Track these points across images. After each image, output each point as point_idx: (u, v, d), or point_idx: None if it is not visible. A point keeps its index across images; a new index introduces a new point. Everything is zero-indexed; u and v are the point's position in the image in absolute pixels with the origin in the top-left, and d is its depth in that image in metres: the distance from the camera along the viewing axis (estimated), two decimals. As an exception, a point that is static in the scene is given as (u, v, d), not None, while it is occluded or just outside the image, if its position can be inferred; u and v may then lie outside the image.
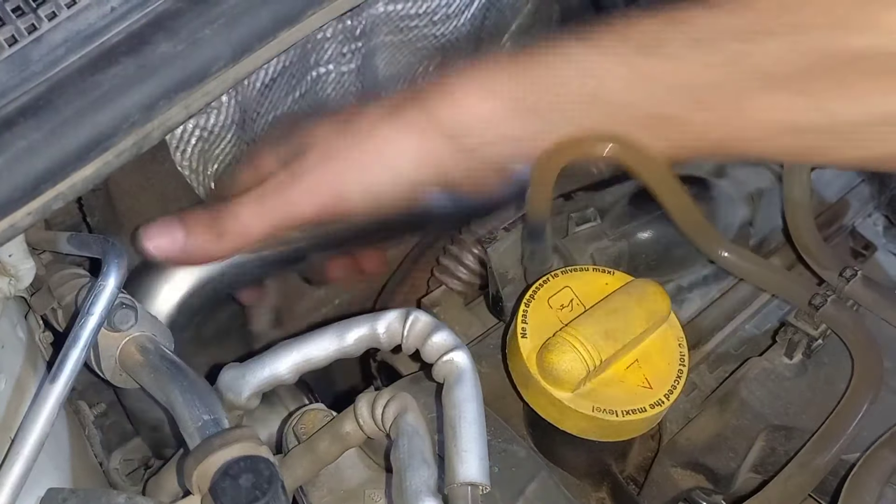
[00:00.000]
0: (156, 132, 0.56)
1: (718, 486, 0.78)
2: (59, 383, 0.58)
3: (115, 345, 0.69)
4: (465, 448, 0.58)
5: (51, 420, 0.58)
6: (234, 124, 0.80)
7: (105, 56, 0.55)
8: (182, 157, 0.79)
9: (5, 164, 0.52)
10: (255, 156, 0.73)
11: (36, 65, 0.55)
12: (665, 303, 0.72)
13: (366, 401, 0.65)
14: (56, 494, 0.62)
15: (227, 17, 0.56)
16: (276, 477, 0.55)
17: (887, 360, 0.78)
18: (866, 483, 0.70)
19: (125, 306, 0.68)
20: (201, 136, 0.78)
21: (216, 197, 0.75)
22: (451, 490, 0.57)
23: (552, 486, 0.70)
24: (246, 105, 0.79)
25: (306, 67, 0.82)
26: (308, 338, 0.66)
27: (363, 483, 0.70)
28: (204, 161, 0.81)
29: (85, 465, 0.79)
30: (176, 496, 0.70)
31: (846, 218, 1.01)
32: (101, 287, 0.61)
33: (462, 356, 0.63)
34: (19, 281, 0.68)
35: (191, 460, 0.57)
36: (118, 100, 0.54)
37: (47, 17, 0.55)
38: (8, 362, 0.67)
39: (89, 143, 0.54)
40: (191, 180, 0.81)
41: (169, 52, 0.55)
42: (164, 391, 0.66)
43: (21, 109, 0.53)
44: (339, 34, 0.82)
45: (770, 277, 0.82)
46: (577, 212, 0.86)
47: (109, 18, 0.56)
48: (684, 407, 0.82)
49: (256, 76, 0.77)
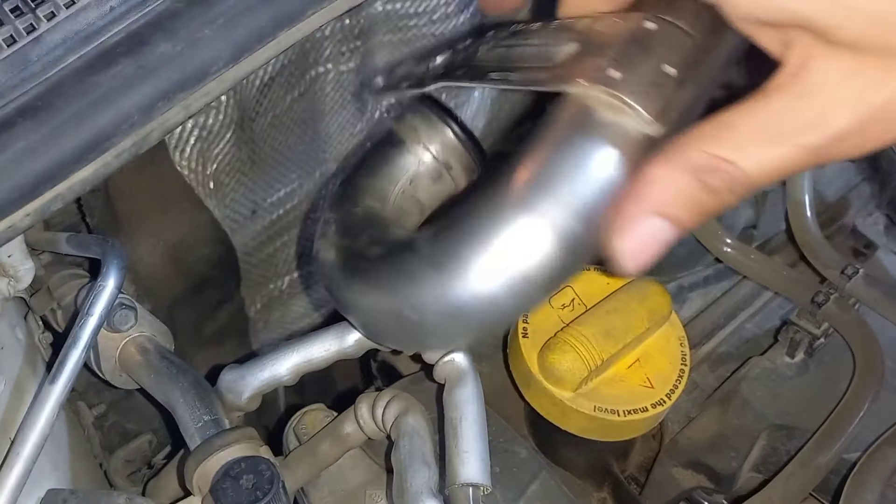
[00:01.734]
0: (155, 133, 0.56)
1: (720, 485, 0.78)
2: (59, 384, 0.58)
3: (115, 345, 0.69)
4: (466, 448, 0.58)
5: (50, 421, 0.58)
6: (233, 123, 0.80)
7: (104, 56, 0.55)
8: (181, 157, 0.79)
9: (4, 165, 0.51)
10: None
11: (35, 65, 0.54)
12: (666, 302, 0.72)
13: (366, 402, 0.65)
14: (56, 495, 0.62)
15: (226, 17, 0.56)
16: (277, 477, 0.55)
17: (889, 359, 0.78)
18: (868, 482, 0.70)
19: (125, 307, 0.68)
20: (200, 136, 0.78)
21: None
22: (452, 491, 0.57)
23: (553, 486, 0.69)
24: (245, 104, 0.79)
25: (305, 66, 0.82)
26: (308, 339, 0.66)
27: (364, 483, 0.69)
28: (203, 160, 0.80)
29: (85, 465, 0.78)
30: (176, 497, 0.70)
31: (847, 216, 1.01)
32: (100, 287, 0.61)
33: (463, 357, 0.63)
34: (19, 281, 0.68)
35: (191, 461, 0.57)
36: (117, 100, 0.54)
37: (46, 18, 0.55)
38: (7, 363, 0.67)
39: (88, 143, 0.53)
40: (190, 180, 0.80)
41: (168, 52, 0.55)
42: (165, 392, 0.65)
43: (20, 110, 0.53)
44: (337, 33, 0.82)
45: (772, 274, 0.82)
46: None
47: (108, 18, 0.56)
48: (685, 406, 0.82)
49: (255, 75, 0.77)
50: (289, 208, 0.91)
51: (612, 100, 0.46)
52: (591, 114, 0.47)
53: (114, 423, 0.87)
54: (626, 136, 0.46)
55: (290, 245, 0.95)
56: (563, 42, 0.51)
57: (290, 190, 0.90)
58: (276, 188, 0.89)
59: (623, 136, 0.46)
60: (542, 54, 0.52)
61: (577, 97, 0.47)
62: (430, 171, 0.63)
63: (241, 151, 0.83)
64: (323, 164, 0.92)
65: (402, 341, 0.60)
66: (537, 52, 0.52)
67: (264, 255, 0.93)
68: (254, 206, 0.88)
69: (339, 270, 0.57)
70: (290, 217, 0.92)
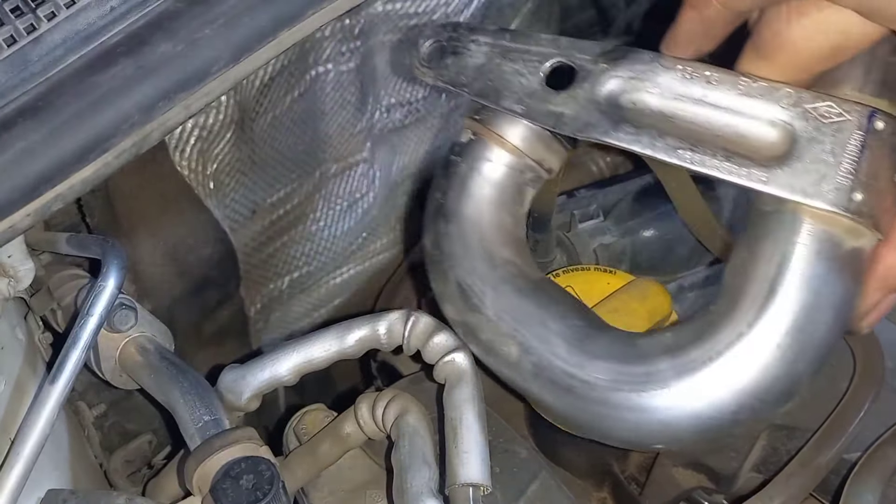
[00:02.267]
0: (155, 133, 0.56)
1: (720, 485, 0.77)
2: (59, 384, 0.58)
3: (115, 346, 0.69)
4: (466, 449, 0.58)
5: (51, 421, 0.58)
6: (234, 123, 0.80)
7: (104, 56, 0.55)
8: (181, 157, 0.79)
9: (4, 166, 0.51)
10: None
11: (35, 65, 0.54)
12: (666, 302, 0.72)
13: (367, 402, 0.65)
14: (56, 495, 0.62)
15: (226, 17, 0.56)
16: (277, 478, 0.55)
17: (889, 359, 0.78)
18: (868, 482, 0.69)
19: (125, 307, 0.68)
20: (200, 136, 0.78)
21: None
22: (453, 491, 0.57)
23: (554, 487, 0.69)
24: (245, 104, 0.79)
25: (305, 66, 0.82)
26: (309, 339, 0.66)
27: (364, 483, 0.69)
28: (203, 160, 0.80)
29: (85, 465, 0.78)
30: (176, 497, 0.70)
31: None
32: (100, 288, 0.61)
33: (463, 357, 0.63)
34: (19, 282, 0.68)
35: (191, 461, 0.57)
36: (117, 100, 0.54)
37: (46, 18, 0.55)
38: (7, 363, 0.67)
39: (88, 143, 0.53)
40: (190, 180, 0.81)
41: (168, 52, 0.55)
42: (165, 392, 0.65)
43: (20, 110, 0.53)
44: (337, 33, 0.82)
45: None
46: (581, 209, 0.86)
47: (108, 18, 0.56)
48: (686, 406, 0.82)
49: (255, 75, 0.77)
50: (289, 208, 0.92)
51: (859, 227, 0.48)
52: (838, 244, 0.48)
53: (114, 423, 0.87)
54: (864, 257, 0.49)
55: (290, 245, 0.95)
56: (763, 121, 0.49)
57: (290, 190, 0.90)
58: (276, 188, 0.89)
59: (863, 258, 0.49)
60: (739, 133, 0.50)
61: (816, 217, 0.48)
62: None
63: (241, 151, 0.83)
64: (323, 164, 0.92)
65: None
66: (730, 127, 0.50)
67: (264, 255, 0.93)
68: (254, 206, 0.88)
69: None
70: (290, 217, 0.92)
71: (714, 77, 0.50)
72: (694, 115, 0.50)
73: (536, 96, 0.55)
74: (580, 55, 0.54)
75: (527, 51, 0.56)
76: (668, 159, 0.50)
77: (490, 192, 0.60)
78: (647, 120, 0.51)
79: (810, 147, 0.47)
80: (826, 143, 0.47)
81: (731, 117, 0.49)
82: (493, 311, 0.59)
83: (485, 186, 0.60)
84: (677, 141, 0.50)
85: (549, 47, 0.56)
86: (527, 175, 0.60)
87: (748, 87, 0.49)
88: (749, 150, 0.49)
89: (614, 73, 0.53)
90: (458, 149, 0.61)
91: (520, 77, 0.56)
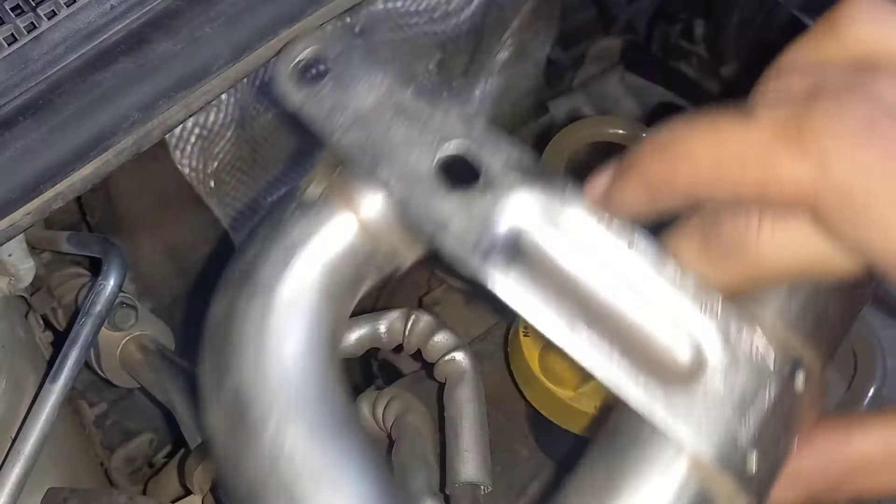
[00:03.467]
0: (156, 131, 0.56)
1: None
2: (60, 383, 0.58)
3: (116, 344, 0.69)
4: (466, 448, 0.58)
5: (51, 420, 0.58)
6: (234, 122, 0.80)
7: (105, 55, 0.55)
8: (181, 156, 0.78)
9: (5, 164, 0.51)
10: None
11: (35, 64, 0.54)
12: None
13: (367, 401, 0.65)
14: (57, 494, 0.62)
15: (227, 15, 0.56)
16: (278, 477, 0.55)
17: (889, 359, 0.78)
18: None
19: (126, 305, 0.68)
20: (201, 135, 0.78)
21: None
22: (453, 490, 0.57)
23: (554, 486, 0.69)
24: (245, 103, 0.79)
25: (306, 65, 0.82)
26: (309, 337, 0.66)
27: (364, 482, 0.69)
28: (204, 159, 0.80)
29: (86, 464, 0.78)
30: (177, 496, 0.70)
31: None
32: (101, 286, 0.61)
33: (463, 356, 0.63)
34: (19, 280, 0.68)
35: (192, 460, 0.57)
36: (118, 99, 0.54)
37: (46, 16, 0.55)
38: (8, 362, 0.67)
39: (89, 142, 0.53)
40: (190, 179, 0.80)
41: (169, 50, 0.55)
42: (165, 390, 0.66)
43: (20, 109, 0.53)
44: (338, 32, 0.81)
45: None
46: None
47: (109, 17, 0.56)
48: (686, 405, 0.82)
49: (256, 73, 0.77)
50: (290, 207, 0.91)
51: (738, 498, 0.38)
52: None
53: (115, 421, 0.87)
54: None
55: (290, 244, 0.94)
56: (681, 329, 0.39)
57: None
58: (277, 187, 0.89)
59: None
60: (648, 331, 0.40)
61: (699, 467, 0.38)
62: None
63: (242, 150, 0.83)
64: (324, 163, 0.91)
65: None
66: (643, 319, 0.40)
67: (265, 255, 0.92)
68: (254, 204, 0.88)
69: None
70: (290, 216, 0.92)
71: (642, 246, 0.40)
72: (606, 289, 0.40)
73: (422, 184, 0.41)
74: (490, 153, 0.41)
75: (428, 120, 0.43)
76: (560, 334, 0.41)
77: (319, 275, 0.44)
78: (545, 272, 0.40)
79: (721, 381, 0.39)
80: (736, 386, 0.39)
81: (648, 308, 0.40)
82: (272, 448, 0.40)
83: (316, 265, 0.44)
84: (575, 311, 0.40)
85: (456, 125, 0.42)
86: (370, 265, 0.45)
87: (680, 281, 0.39)
88: (653, 356, 0.40)
89: (525, 191, 0.40)
90: (299, 203, 0.46)
91: (409, 149, 0.42)
